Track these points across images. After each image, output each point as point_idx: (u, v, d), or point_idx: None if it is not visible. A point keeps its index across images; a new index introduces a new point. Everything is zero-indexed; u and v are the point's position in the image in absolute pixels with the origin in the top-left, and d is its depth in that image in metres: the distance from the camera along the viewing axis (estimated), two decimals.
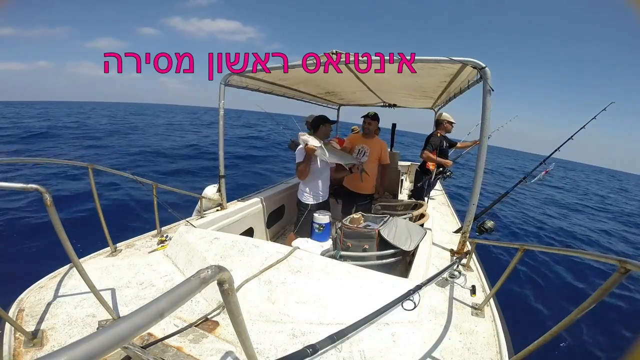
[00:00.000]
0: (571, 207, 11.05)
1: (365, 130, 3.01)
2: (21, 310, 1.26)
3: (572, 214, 9.67)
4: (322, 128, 2.60)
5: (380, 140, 3.04)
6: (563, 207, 10.60)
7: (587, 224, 8.56)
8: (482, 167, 1.74)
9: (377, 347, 1.11)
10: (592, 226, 8.32)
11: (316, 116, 2.71)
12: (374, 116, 2.94)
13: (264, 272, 1.45)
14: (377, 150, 2.96)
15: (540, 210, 9.23)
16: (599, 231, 7.86)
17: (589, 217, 9.74)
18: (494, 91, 1.64)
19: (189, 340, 1.14)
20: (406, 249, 1.91)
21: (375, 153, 2.96)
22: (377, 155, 2.97)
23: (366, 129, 2.98)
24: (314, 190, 2.67)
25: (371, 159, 2.97)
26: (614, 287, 0.71)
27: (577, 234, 7.15)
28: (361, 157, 2.99)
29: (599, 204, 13.45)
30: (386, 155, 2.99)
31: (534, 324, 3.20)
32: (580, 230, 7.57)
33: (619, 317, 3.42)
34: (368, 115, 2.94)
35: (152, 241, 2.01)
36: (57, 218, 1.00)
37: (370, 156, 2.96)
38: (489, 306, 1.40)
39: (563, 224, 7.87)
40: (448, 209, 3.28)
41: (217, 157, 2.55)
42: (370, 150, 2.97)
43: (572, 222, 8.50)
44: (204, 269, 0.50)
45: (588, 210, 11.01)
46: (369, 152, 2.97)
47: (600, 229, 8.15)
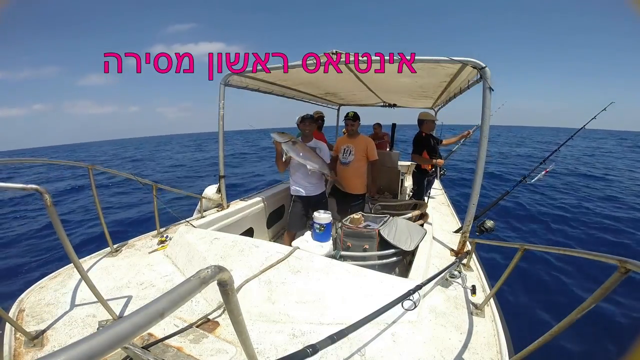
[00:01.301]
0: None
1: (349, 131, 3.03)
2: (21, 311, 1.26)
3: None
4: (301, 127, 2.73)
5: (365, 137, 3.04)
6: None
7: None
8: (482, 167, 1.74)
9: (377, 347, 1.11)
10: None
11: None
12: (354, 117, 2.97)
13: (264, 272, 1.45)
14: (362, 148, 2.96)
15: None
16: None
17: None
18: (494, 90, 1.64)
19: (189, 340, 1.14)
20: (406, 249, 1.91)
21: (361, 151, 2.96)
22: (363, 153, 2.97)
23: (349, 130, 3.01)
24: (297, 182, 2.77)
25: (357, 158, 2.97)
26: (614, 287, 0.71)
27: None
28: (347, 157, 3.01)
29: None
30: (372, 151, 2.98)
31: (534, 324, 3.20)
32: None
33: (619, 317, 3.42)
34: (348, 117, 2.97)
35: (152, 241, 2.01)
36: (57, 218, 1.00)
37: (357, 155, 2.97)
38: (489, 306, 1.40)
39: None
40: (448, 209, 3.27)
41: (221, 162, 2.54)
42: (356, 149, 2.97)
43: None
44: (204, 269, 0.50)
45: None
46: (355, 151, 2.98)
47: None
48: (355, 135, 3.03)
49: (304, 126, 2.68)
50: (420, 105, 4.39)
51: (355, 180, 3.01)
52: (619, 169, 13.29)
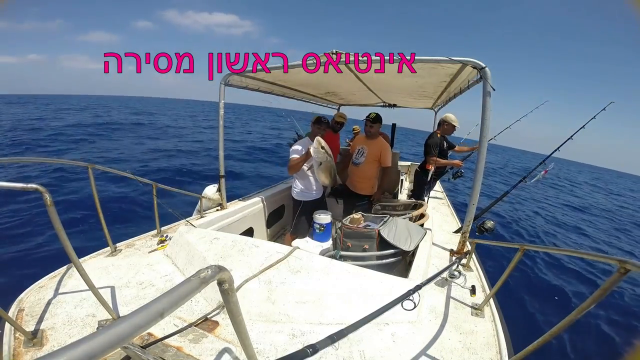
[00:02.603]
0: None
1: (366, 132, 2.96)
2: (21, 310, 1.26)
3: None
4: (313, 128, 2.76)
5: (382, 142, 2.94)
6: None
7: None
8: (482, 167, 1.74)
9: (377, 347, 1.11)
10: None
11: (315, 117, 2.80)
12: (375, 119, 2.84)
13: (264, 272, 1.45)
14: (375, 152, 2.89)
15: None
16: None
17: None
18: (495, 90, 1.64)
19: (189, 340, 1.14)
20: (406, 249, 1.91)
21: (374, 155, 2.90)
22: (375, 157, 2.90)
23: (367, 132, 2.93)
24: (308, 187, 2.76)
25: (368, 160, 2.93)
26: (614, 287, 0.72)
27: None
28: (359, 158, 2.98)
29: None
30: (386, 157, 2.89)
31: (534, 324, 3.20)
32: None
33: (619, 317, 3.42)
34: (369, 117, 2.86)
35: (152, 241, 2.01)
36: (57, 218, 1.00)
37: (368, 157, 2.93)
38: (488, 306, 1.40)
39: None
40: (448, 209, 3.27)
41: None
42: (368, 152, 2.93)
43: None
44: (203, 268, 0.50)
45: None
46: (367, 154, 2.93)
47: None
48: (373, 137, 2.93)
49: (318, 129, 2.70)
50: (420, 105, 4.39)
51: (363, 181, 2.99)
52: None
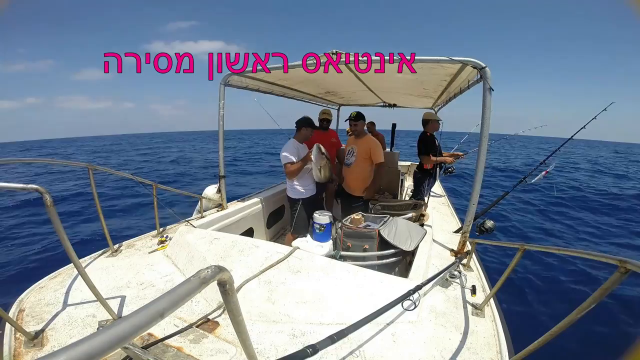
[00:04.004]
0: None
1: (353, 132, 2.97)
2: (21, 311, 1.26)
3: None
4: (302, 130, 2.73)
5: (370, 138, 2.89)
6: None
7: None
8: (482, 167, 1.74)
9: (377, 347, 1.11)
10: None
11: (301, 118, 2.77)
12: (356, 117, 2.83)
13: (264, 272, 1.45)
14: (365, 150, 2.84)
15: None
16: None
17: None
18: (494, 90, 1.64)
19: (189, 340, 1.14)
20: (406, 249, 1.91)
21: (364, 152, 2.84)
22: (365, 155, 2.84)
23: (353, 131, 2.95)
24: (304, 185, 2.77)
25: (359, 159, 2.87)
26: (614, 287, 0.71)
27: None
28: (350, 159, 2.96)
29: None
30: (376, 153, 2.80)
31: (534, 324, 3.20)
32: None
33: (619, 317, 3.42)
34: (351, 118, 2.85)
35: (152, 241, 2.01)
36: (57, 218, 1.00)
37: (358, 156, 2.88)
38: (489, 306, 1.40)
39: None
40: (448, 209, 3.27)
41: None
42: (358, 150, 2.88)
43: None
44: (204, 269, 0.50)
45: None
46: (357, 152, 2.89)
47: None
48: (361, 136, 2.92)
49: (306, 131, 2.73)
50: (420, 105, 4.39)
51: (356, 182, 2.96)
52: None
